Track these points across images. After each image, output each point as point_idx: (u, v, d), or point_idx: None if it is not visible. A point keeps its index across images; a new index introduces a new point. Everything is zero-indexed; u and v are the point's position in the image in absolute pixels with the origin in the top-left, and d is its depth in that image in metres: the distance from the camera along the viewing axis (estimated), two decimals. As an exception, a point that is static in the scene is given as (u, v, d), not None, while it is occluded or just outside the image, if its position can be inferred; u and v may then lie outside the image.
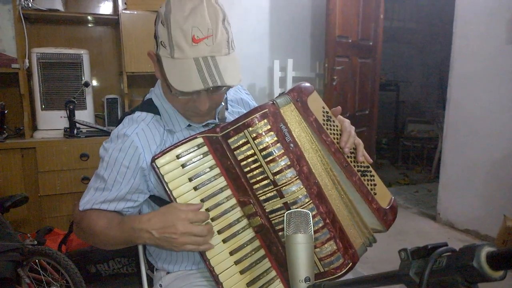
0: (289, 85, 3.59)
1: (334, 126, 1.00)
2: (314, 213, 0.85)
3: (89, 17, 2.80)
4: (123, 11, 2.59)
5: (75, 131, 2.44)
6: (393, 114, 5.87)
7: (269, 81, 3.62)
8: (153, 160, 0.88)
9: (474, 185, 2.93)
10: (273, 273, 0.92)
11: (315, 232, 0.85)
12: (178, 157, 0.89)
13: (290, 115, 0.92)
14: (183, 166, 0.89)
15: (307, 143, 0.92)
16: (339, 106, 1.05)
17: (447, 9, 3.56)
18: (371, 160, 1.03)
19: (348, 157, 0.99)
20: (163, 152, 0.89)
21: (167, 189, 0.88)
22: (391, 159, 5.57)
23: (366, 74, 3.89)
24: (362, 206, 0.98)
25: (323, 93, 3.57)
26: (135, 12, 2.60)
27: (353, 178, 0.97)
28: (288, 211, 0.75)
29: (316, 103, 0.98)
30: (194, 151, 0.90)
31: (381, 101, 4.88)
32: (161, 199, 0.98)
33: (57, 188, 2.37)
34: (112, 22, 2.86)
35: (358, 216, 0.96)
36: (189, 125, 1.00)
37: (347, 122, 1.02)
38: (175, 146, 0.90)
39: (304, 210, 0.75)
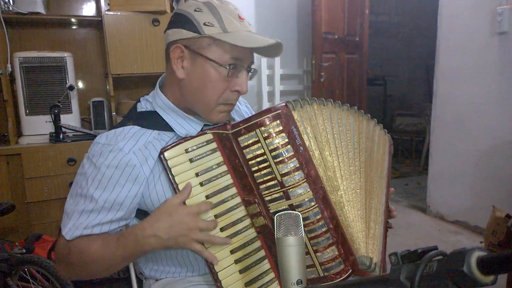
0: (277, 83, 3.58)
1: None
2: (318, 217, 0.85)
3: (72, 19, 2.76)
4: (106, 12, 2.54)
5: (61, 136, 2.40)
6: (381, 108, 5.90)
7: (257, 79, 3.60)
8: (162, 152, 0.87)
9: (463, 177, 2.96)
10: (272, 274, 0.91)
11: (318, 236, 0.85)
12: (186, 151, 0.88)
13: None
14: (191, 160, 0.88)
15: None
16: None
17: (432, 2, 3.58)
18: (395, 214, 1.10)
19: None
20: (172, 145, 0.88)
21: (173, 182, 0.86)
22: (380, 153, 5.59)
23: (353, 69, 3.90)
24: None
25: (311, 89, 3.57)
26: (119, 13, 2.56)
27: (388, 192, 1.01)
28: (278, 213, 0.74)
29: None
30: (203, 146, 0.89)
31: (369, 96, 4.89)
32: (147, 213, 0.92)
33: (45, 194, 2.33)
34: (96, 24, 2.82)
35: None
36: (202, 129, 0.97)
37: None
38: (185, 140, 0.89)
39: (295, 212, 0.74)
